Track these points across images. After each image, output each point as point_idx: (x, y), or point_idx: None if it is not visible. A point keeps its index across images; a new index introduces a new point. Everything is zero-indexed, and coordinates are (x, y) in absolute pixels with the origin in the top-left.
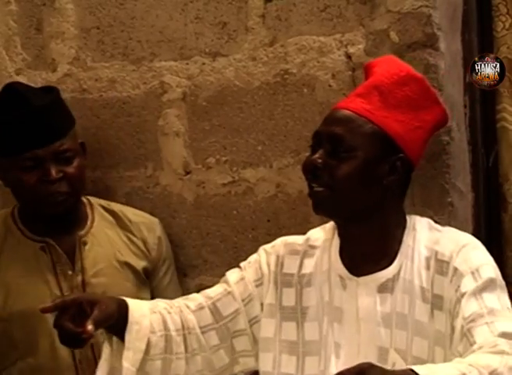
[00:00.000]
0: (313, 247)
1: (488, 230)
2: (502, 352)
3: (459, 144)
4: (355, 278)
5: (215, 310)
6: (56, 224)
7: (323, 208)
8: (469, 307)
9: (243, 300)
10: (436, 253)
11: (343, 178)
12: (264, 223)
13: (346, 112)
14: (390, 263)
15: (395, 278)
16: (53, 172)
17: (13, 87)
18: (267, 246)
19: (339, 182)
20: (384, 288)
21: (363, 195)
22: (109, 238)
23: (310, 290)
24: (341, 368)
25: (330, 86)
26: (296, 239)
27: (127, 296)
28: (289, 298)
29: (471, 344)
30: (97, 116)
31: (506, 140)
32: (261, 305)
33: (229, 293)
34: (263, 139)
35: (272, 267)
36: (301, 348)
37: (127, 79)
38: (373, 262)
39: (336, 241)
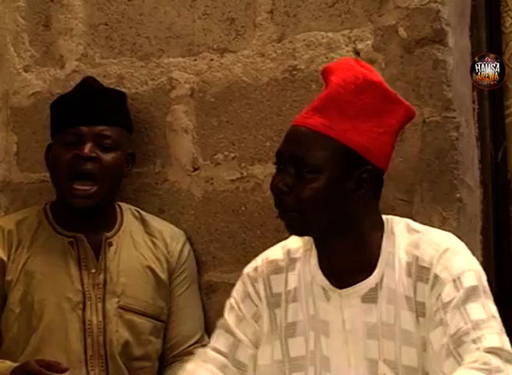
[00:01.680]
0: (294, 260)
1: (496, 225)
2: (490, 369)
3: (467, 139)
4: (337, 290)
5: (237, 364)
6: (86, 222)
7: (295, 230)
8: (453, 322)
9: (251, 341)
10: (417, 259)
11: (308, 200)
12: (272, 220)
13: (305, 130)
14: (371, 272)
15: (378, 287)
16: (87, 149)
17: (91, 78)
18: (249, 270)
19: (305, 204)
20: (368, 298)
21: (333, 213)
22: (135, 242)
23: (295, 305)
24: None
25: None
26: (277, 254)
27: (145, 299)
28: (280, 317)
29: (460, 365)
30: None
31: None
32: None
33: (240, 341)
34: (271, 135)
35: (262, 293)
36: (287, 365)
37: (135, 75)
38: (354, 273)
39: (314, 252)
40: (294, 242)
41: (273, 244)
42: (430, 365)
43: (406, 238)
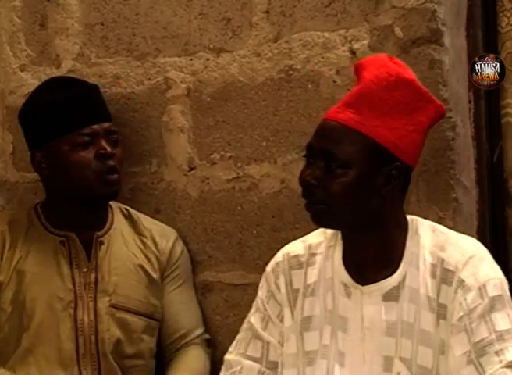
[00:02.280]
0: (314, 255)
1: (492, 225)
2: None
3: (463, 139)
4: (360, 286)
5: (271, 365)
6: (78, 221)
7: (321, 222)
8: (478, 331)
9: (278, 341)
10: (442, 261)
11: (337, 194)
12: (268, 219)
13: (336, 124)
14: (394, 271)
15: (400, 286)
16: (108, 147)
17: (58, 77)
18: (272, 266)
19: (333, 198)
20: (389, 297)
21: (360, 208)
22: (125, 241)
23: (313, 299)
24: None
25: (335, 82)
26: (298, 249)
27: (137, 297)
28: (297, 312)
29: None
30: None
31: (510, 135)
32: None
33: (269, 343)
34: (267, 135)
35: (283, 289)
36: (301, 358)
37: (131, 75)
38: (377, 270)
39: (339, 248)
40: (315, 237)
41: (269, 243)
42: (447, 369)
43: (431, 239)
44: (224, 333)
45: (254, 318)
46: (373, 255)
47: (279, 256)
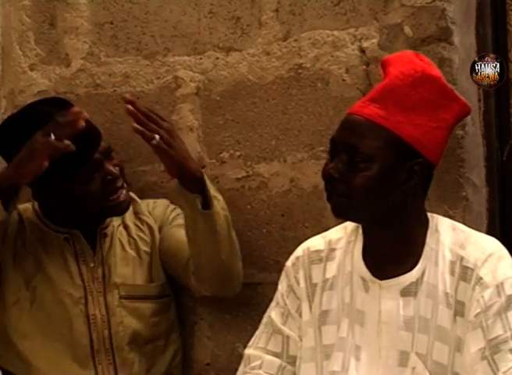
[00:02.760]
0: (333, 250)
1: (502, 224)
2: None
3: (473, 138)
4: (378, 281)
5: (292, 361)
6: (80, 217)
7: (342, 214)
8: (493, 328)
9: (298, 335)
10: (462, 259)
11: (359, 188)
12: (278, 218)
13: (361, 119)
14: (413, 266)
15: (418, 282)
16: (113, 169)
17: (32, 108)
18: (292, 260)
19: (355, 192)
20: (407, 292)
21: (381, 202)
22: (127, 228)
23: (331, 293)
24: (361, 371)
25: (344, 80)
26: (318, 244)
27: (144, 283)
28: (315, 306)
29: (494, 372)
30: (110, 111)
31: None
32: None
33: (289, 337)
34: (277, 134)
35: (302, 283)
36: (319, 352)
37: (141, 74)
38: (396, 265)
39: (359, 243)
40: (335, 233)
41: (279, 242)
42: (463, 366)
43: (451, 237)
44: (233, 332)
45: (274, 313)
46: (392, 250)
47: (299, 251)
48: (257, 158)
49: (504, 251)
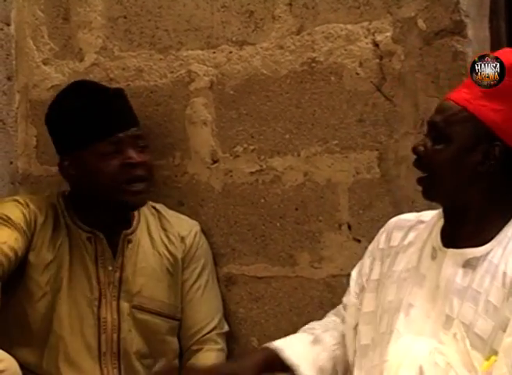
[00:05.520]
0: (421, 222)
1: None
2: None
3: None
4: (445, 249)
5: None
6: (105, 219)
7: (425, 192)
8: None
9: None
10: None
11: (438, 164)
12: (292, 212)
13: (448, 101)
14: (482, 245)
15: (481, 258)
16: (135, 155)
17: (82, 81)
18: (384, 227)
19: (435, 168)
20: (468, 264)
21: (459, 182)
22: (152, 239)
23: (403, 256)
24: (407, 326)
25: (357, 74)
26: (409, 216)
27: (160, 298)
28: (384, 267)
29: None
30: None
31: None
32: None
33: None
34: (290, 127)
35: (381, 245)
36: (379, 311)
37: (154, 68)
38: (467, 240)
39: (442, 221)
40: (429, 212)
41: (292, 236)
42: (501, 345)
43: None
44: (248, 326)
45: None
46: (468, 229)
47: (392, 219)
48: (270, 152)
49: None
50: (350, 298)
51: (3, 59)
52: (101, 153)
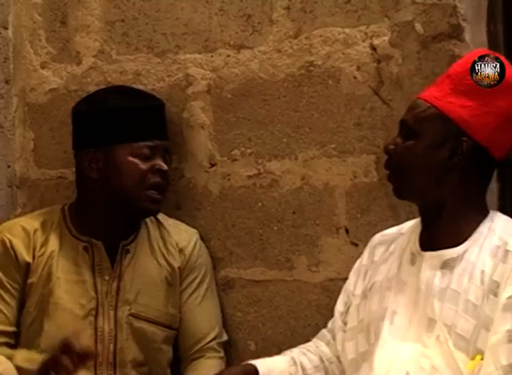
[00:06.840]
0: (402, 233)
1: None
2: None
3: None
4: (423, 253)
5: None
6: (104, 228)
7: (396, 190)
8: None
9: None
10: (506, 244)
11: (407, 161)
12: (289, 215)
13: (418, 100)
14: (458, 245)
15: (458, 258)
16: (164, 163)
17: (126, 85)
18: (370, 242)
19: (405, 164)
20: (446, 265)
21: (428, 178)
22: (151, 249)
23: (384, 266)
24: (392, 333)
25: (355, 78)
26: (391, 230)
27: (157, 307)
28: (367, 280)
29: None
30: None
31: None
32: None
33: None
34: (288, 131)
35: (364, 261)
36: (366, 320)
37: (152, 71)
38: (444, 241)
39: (420, 227)
40: (410, 222)
41: (290, 239)
42: (486, 344)
43: (502, 227)
44: (245, 330)
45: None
46: (443, 228)
47: (375, 236)
48: (268, 156)
49: None
50: (335, 324)
51: (1, 63)
52: (135, 153)
